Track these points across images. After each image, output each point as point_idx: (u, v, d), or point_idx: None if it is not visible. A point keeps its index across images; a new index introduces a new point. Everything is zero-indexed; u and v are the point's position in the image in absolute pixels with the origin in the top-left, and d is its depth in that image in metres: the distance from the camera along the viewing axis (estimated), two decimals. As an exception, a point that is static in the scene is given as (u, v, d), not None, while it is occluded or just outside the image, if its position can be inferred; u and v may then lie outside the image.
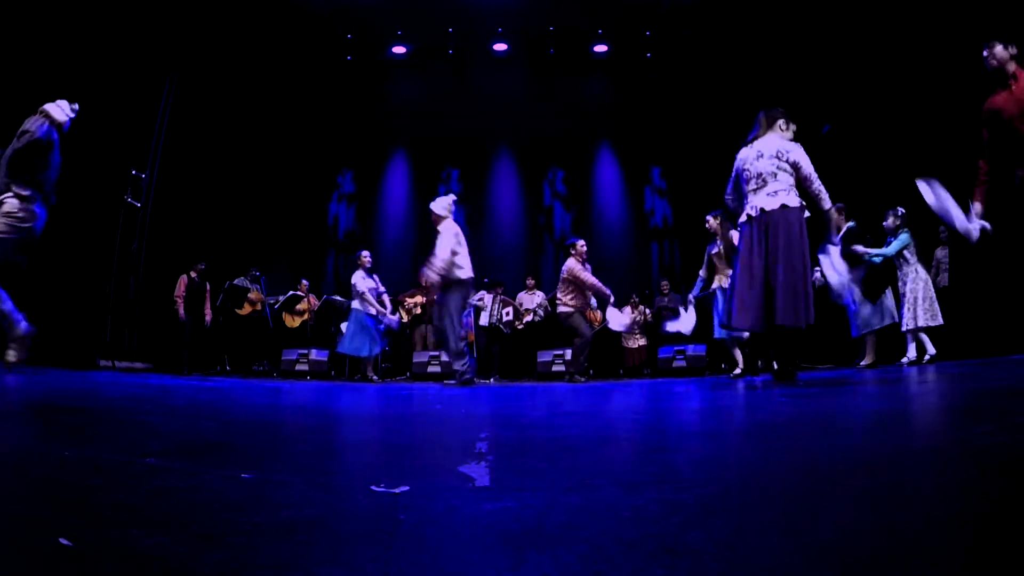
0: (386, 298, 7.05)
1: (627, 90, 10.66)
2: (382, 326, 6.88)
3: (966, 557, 0.49)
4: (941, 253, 6.08)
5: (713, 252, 6.05)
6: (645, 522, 0.59)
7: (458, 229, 5.40)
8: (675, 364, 8.05)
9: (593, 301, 8.76)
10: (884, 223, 5.68)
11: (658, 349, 8.38)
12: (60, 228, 6.41)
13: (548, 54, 10.03)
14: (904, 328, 5.44)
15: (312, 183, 10.89)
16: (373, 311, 6.74)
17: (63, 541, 0.51)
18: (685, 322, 5.98)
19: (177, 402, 2.24)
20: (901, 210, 5.56)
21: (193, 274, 7.97)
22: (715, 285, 6.02)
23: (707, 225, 6.26)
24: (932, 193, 3.64)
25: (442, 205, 5.50)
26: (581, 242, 6.36)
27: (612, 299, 6.50)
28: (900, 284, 5.57)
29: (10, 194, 3.48)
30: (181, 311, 7.75)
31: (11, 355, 3.40)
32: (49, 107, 3.72)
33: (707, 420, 1.73)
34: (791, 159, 3.44)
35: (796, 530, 0.57)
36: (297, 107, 10.71)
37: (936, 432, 1.20)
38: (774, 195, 3.39)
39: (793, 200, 3.37)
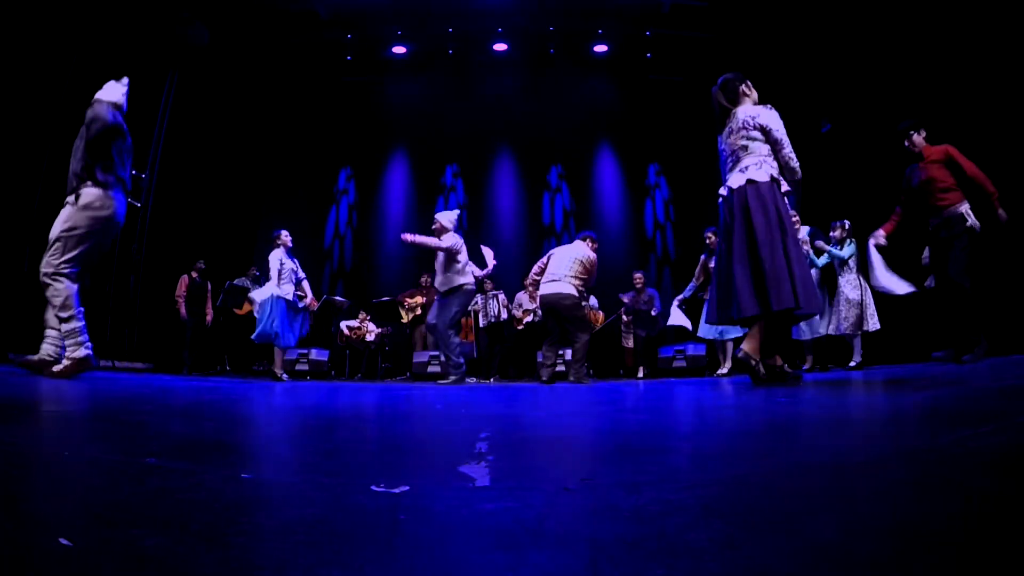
0: (306, 284, 6.53)
1: (627, 90, 10.66)
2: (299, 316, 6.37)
3: (966, 557, 0.49)
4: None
5: (711, 265, 6.31)
6: (645, 522, 0.59)
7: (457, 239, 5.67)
8: (675, 364, 8.06)
9: (593, 301, 8.75)
10: (831, 234, 6.14)
11: (658, 349, 8.38)
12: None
13: (548, 54, 10.04)
14: (854, 331, 5.88)
15: (312, 183, 10.89)
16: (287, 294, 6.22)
17: (63, 541, 0.51)
18: (676, 319, 6.37)
19: (177, 402, 2.24)
20: (847, 222, 6.08)
21: (194, 274, 7.97)
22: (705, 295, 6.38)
23: (707, 241, 6.51)
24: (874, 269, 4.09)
25: (448, 218, 5.75)
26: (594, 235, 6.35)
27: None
28: (843, 291, 5.99)
29: (88, 184, 3.46)
30: (183, 311, 7.76)
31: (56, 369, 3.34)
32: (102, 93, 3.74)
33: (707, 420, 1.74)
34: (759, 123, 3.10)
35: (796, 530, 0.57)
36: (297, 107, 10.70)
37: (936, 432, 1.20)
38: (744, 171, 3.08)
39: (762, 175, 3.03)
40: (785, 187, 3.11)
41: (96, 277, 7.17)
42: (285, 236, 6.38)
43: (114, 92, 3.78)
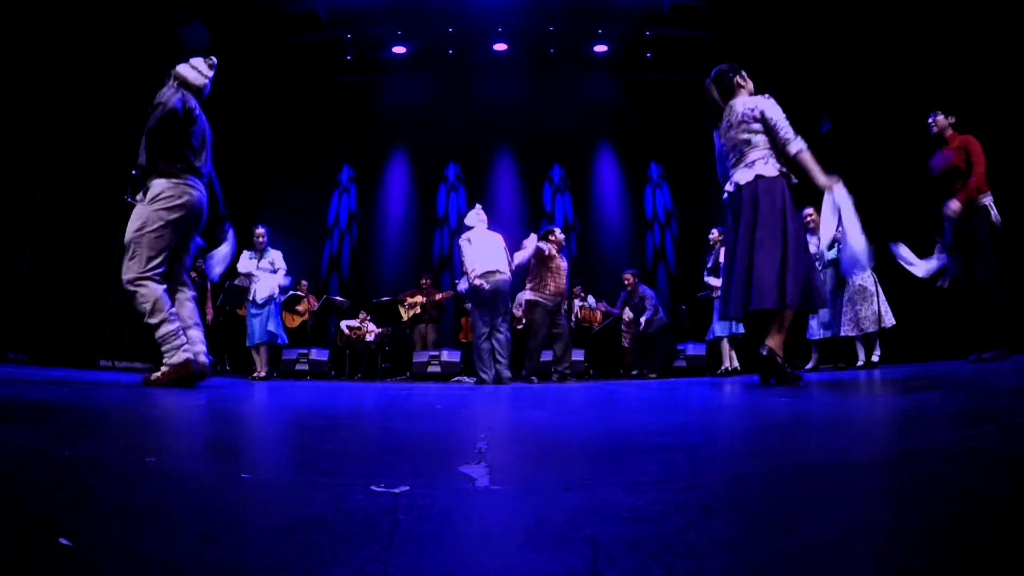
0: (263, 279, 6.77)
1: (627, 90, 10.66)
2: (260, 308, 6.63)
3: (966, 558, 0.48)
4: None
5: (710, 266, 6.74)
6: (645, 522, 0.59)
7: (468, 236, 5.68)
8: (675, 364, 8.05)
9: (591, 300, 8.75)
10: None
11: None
12: (60, 227, 6.43)
13: (548, 54, 10.04)
14: (874, 328, 5.74)
15: (312, 183, 10.88)
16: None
17: (63, 541, 0.51)
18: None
19: (177, 402, 2.24)
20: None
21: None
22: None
23: (710, 238, 6.64)
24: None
25: (469, 218, 5.84)
26: (558, 230, 6.36)
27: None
28: (857, 287, 5.85)
29: (154, 176, 3.20)
30: (183, 311, 7.76)
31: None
32: (180, 69, 3.45)
33: (707, 420, 1.73)
34: (758, 114, 3.00)
35: (796, 530, 0.57)
36: (297, 107, 10.69)
37: (936, 432, 1.20)
38: (750, 166, 3.01)
39: (771, 169, 2.97)
40: (794, 181, 3.05)
41: (95, 278, 7.17)
42: (255, 234, 6.90)
43: (194, 73, 3.47)
